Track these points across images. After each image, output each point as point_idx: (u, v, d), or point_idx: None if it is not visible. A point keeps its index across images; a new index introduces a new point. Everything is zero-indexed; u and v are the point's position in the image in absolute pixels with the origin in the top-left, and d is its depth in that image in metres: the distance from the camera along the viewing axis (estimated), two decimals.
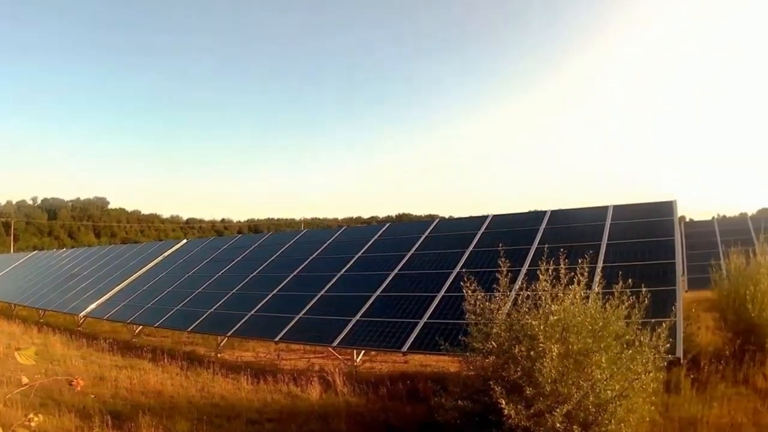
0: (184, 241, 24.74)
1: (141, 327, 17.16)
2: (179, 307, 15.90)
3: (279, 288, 14.50)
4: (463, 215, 19.98)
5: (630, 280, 7.07)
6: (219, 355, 13.87)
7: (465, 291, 6.87)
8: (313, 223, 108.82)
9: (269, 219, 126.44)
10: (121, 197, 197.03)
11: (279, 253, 17.34)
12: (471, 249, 12.68)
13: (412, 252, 13.72)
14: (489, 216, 14.11)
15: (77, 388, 3.34)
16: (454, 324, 9.79)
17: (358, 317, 11.51)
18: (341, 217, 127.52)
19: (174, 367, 12.15)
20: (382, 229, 16.29)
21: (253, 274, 16.29)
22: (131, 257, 23.66)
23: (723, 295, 11.36)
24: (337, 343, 11.00)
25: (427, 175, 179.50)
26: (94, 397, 9.89)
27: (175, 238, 35.90)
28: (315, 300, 13.01)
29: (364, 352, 12.13)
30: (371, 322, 11.21)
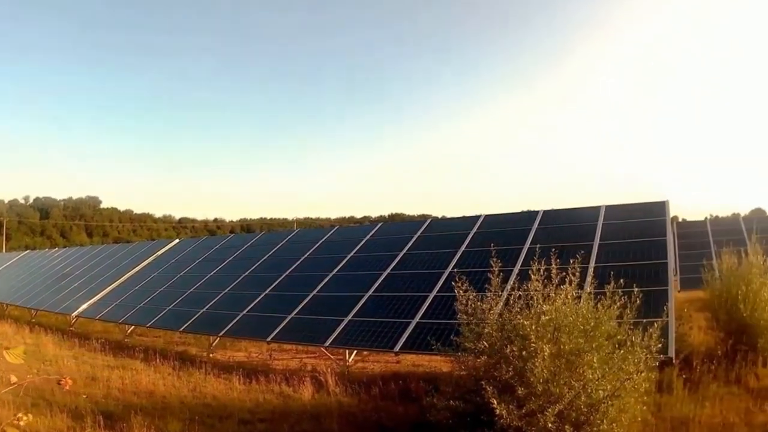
0: (177, 240, 24.66)
1: (133, 327, 17.11)
2: (171, 307, 15.84)
3: (271, 288, 14.47)
4: (456, 215, 20.01)
5: (622, 280, 7.09)
6: (211, 355, 13.83)
7: (457, 291, 6.86)
8: (306, 223, 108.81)
9: (262, 219, 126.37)
10: (113, 197, 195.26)
11: (271, 252, 17.30)
12: (463, 249, 12.67)
13: (405, 252, 13.70)
14: (481, 216, 14.12)
15: (65, 388, 3.31)
16: (446, 324, 9.78)
17: (350, 317, 11.49)
18: (334, 216, 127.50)
19: (166, 367, 12.10)
20: (375, 228, 16.28)
21: (246, 273, 16.24)
22: (123, 257, 23.55)
23: (715, 295, 11.41)
24: (329, 343, 10.99)
25: (421, 175, 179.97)
26: (86, 397, 9.86)
27: (167, 238, 35.75)
28: (307, 300, 12.98)
29: (356, 352, 12.11)
30: (363, 322, 11.19)
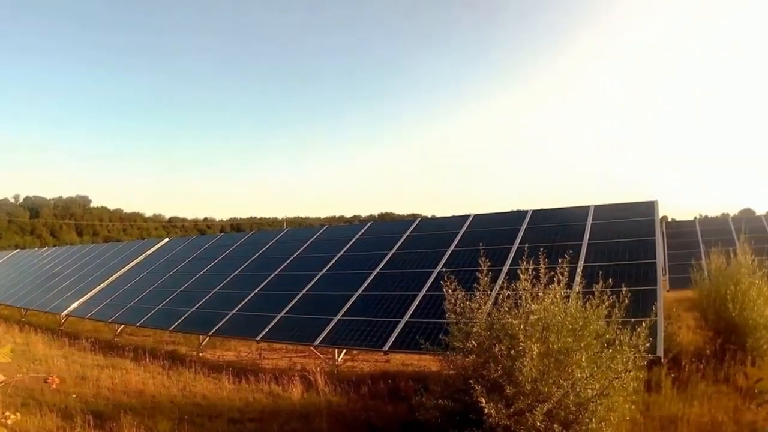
0: (166, 239, 24.56)
1: (123, 326, 17.02)
2: (161, 306, 15.78)
3: (261, 287, 14.43)
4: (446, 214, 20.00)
5: (611, 280, 7.11)
6: (201, 354, 13.77)
7: (445, 290, 6.86)
8: (296, 222, 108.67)
9: (251, 218, 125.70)
10: (103, 196, 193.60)
11: (261, 252, 17.27)
12: (452, 248, 12.68)
13: (394, 251, 13.70)
14: (471, 215, 14.13)
15: (52, 386, 3.30)
16: (435, 323, 9.79)
17: (340, 316, 11.47)
18: (324, 215, 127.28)
19: (156, 367, 12.07)
20: (364, 228, 16.27)
21: (235, 273, 16.20)
22: (113, 256, 23.46)
23: (704, 294, 11.44)
24: (318, 342, 10.97)
25: (420, 175, 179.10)
26: (76, 396, 9.84)
27: (157, 237, 35.66)
28: (296, 299, 12.95)
29: (345, 351, 12.12)
30: (353, 321, 11.18)
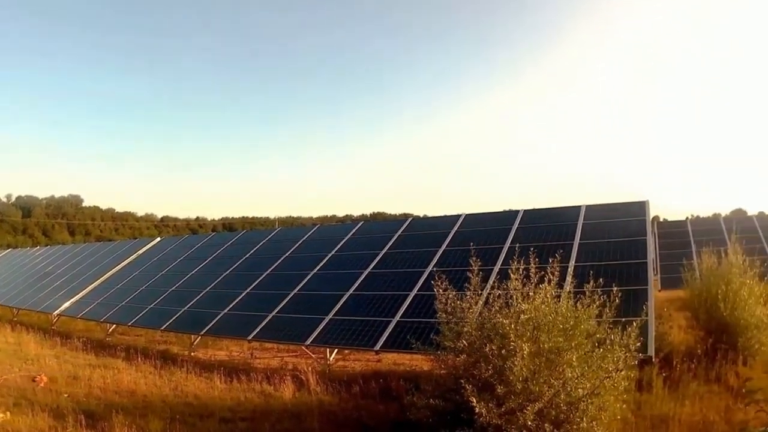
0: (158, 239, 24.45)
1: (115, 326, 16.97)
2: (153, 305, 15.72)
3: (252, 286, 14.40)
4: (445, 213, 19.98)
5: (602, 279, 7.16)
6: (192, 353, 13.73)
7: (436, 290, 6.86)
8: (288, 222, 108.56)
9: (243, 217, 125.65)
10: (96, 196, 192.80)
11: (253, 251, 17.23)
12: (444, 248, 12.68)
13: (385, 251, 13.68)
14: (462, 215, 14.13)
15: (40, 384, 3.28)
16: (426, 323, 9.78)
17: (331, 316, 11.46)
18: (315, 215, 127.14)
19: (148, 366, 12.04)
20: (356, 227, 16.26)
21: (227, 272, 16.16)
22: (105, 255, 23.39)
23: (695, 294, 11.50)
24: (310, 341, 10.95)
25: (411, 172, 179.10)
26: (68, 396, 9.82)
27: (149, 236, 35.56)
28: (288, 298, 12.93)
29: (337, 350, 12.11)
30: (344, 321, 11.16)
